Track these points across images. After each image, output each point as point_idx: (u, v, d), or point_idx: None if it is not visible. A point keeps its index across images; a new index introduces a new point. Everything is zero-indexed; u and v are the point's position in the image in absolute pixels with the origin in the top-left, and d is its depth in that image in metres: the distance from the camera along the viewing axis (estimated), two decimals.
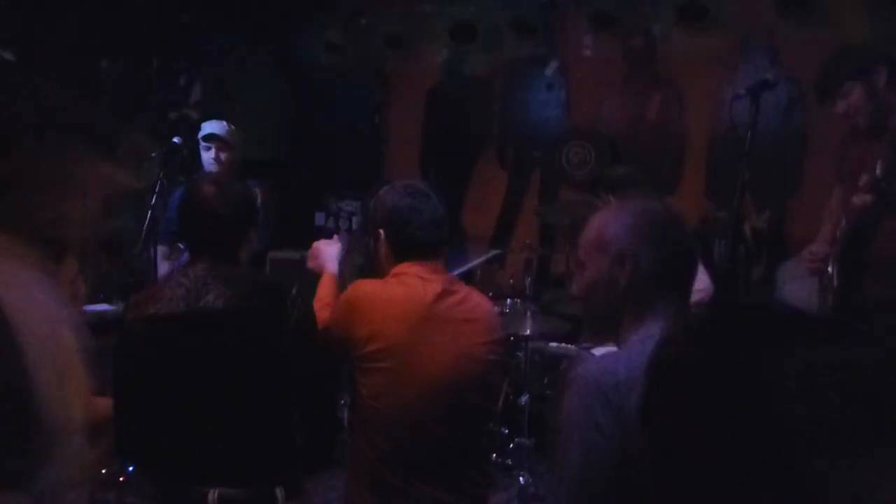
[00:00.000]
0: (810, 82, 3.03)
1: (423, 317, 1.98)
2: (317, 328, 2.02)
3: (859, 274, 2.65)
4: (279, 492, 1.88)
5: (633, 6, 4.96)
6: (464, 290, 2.12)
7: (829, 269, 2.72)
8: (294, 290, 1.97)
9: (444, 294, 2.03)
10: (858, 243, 2.65)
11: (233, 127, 3.59)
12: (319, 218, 6.18)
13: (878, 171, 2.58)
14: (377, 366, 1.97)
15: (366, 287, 2.05)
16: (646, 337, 1.30)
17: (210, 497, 1.84)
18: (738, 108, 2.77)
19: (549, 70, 5.54)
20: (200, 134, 3.62)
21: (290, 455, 1.96)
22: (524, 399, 3.86)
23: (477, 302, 2.12)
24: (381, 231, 2.07)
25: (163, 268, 3.13)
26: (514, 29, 5.37)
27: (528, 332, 3.79)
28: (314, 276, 2.40)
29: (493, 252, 4.95)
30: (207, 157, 3.48)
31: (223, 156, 3.51)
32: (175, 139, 3.31)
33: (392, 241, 2.06)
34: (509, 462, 3.87)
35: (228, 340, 1.89)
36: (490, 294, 4.37)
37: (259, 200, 2.31)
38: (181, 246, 2.87)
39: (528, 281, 4.42)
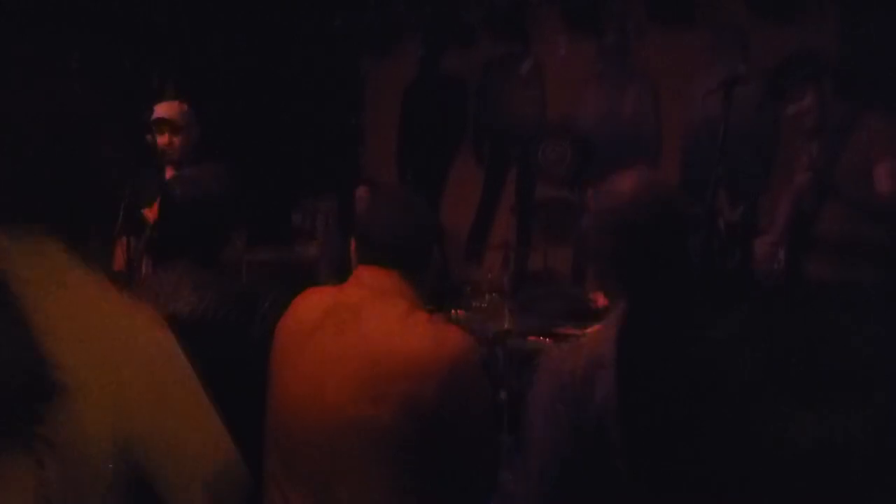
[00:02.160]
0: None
1: (295, 341, 1.67)
2: None
3: (804, 256, 2.76)
4: None
5: (606, 3, 4.99)
6: (377, 316, 1.61)
7: (780, 255, 2.82)
8: (267, 302, 1.85)
9: (328, 318, 1.64)
10: (802, 224, 2.78)
11: (185, 107, 3.40)
12: (296, 218, 6.18)
13: (813, 152, 2.77)
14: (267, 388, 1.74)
15: (296, 299, 1.80)
16: (612, 319, 1.33)
17: None
18: (711, 103, 2.82)
19: (525, 68, 5.56)
20: (152, 118, 3.37)
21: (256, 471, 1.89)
22: (502, 396, 3.86)
23: (369, 337, 1.58)
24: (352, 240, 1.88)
25: None
26: (489, 27, 5.39)
27: (505, 328, 3.80)
28: (291, 277, 2.36)
29: None
30: (161, 142, 3.31)
31: (176, 140, 3.31)
32: (148, 136, 3.27)
33: (354, 244, 1.82)
34: None
35: (193, 353, 1.83)
36: (468, 290, 4.38)
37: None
38: None
39: (505, 278, 4.44)
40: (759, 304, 0.81)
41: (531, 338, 3.97)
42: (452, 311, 3.93)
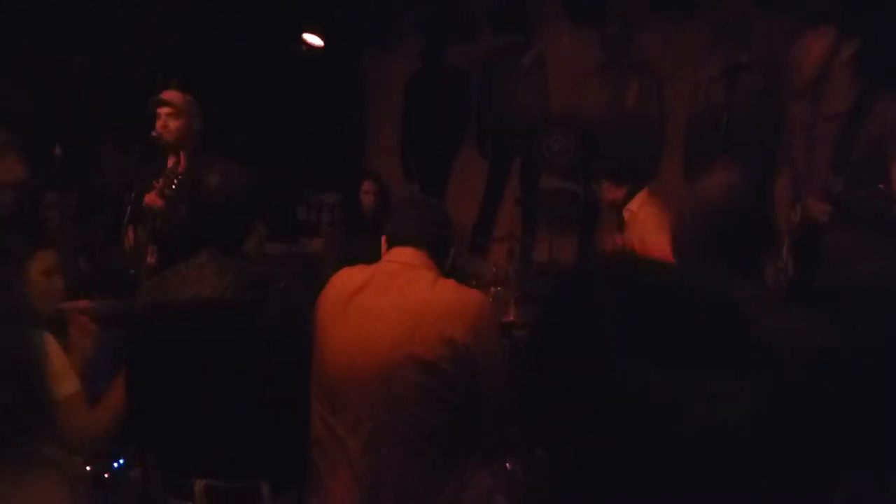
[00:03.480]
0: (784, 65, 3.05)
1: (341, 304, 1.99)
2: (302, 323, 2.01)
3: (814, 262, 2.68)
4: (265, 487, 1.89)
5: None
6: (414, 279, 1.98)
7: (784, 254, 2.74)
8: (282, 284, 1.96)
9: (371, 283, 2.00)
10: (813, 233, 2.69)
11: (189, 97, 3.42)
12: (301, 212, 6.20)
13: (832, 185, 2.61)
14: (311, 342, 2.03)
15: (338, 272, 2.12)
16: None
17: (197, 487, 1.85)
18: (713, 91, 2.79)
19: (527, 59, 5.55)
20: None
21: (277, 450, 1.95)
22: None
23: (409, 293, 1.95)
24: (383, 237, 2.16)
25: None
26: (491, 19, 5.39)
27: (511, 319, 3.81)
28: (296, 271, 2.40)
29: None
30: (158, 124, 3.32)
31: (172, 123, 3.31)
32: (153, 133, 3.29)
33: (386, 238, 2.13)
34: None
35: (214, 332, 1.89)
36: (474, 283, 4.40)
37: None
38: None
39: (510, 270, 4.45)
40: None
41: None
42: None
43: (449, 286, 1.99)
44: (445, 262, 2.12)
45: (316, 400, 1.99)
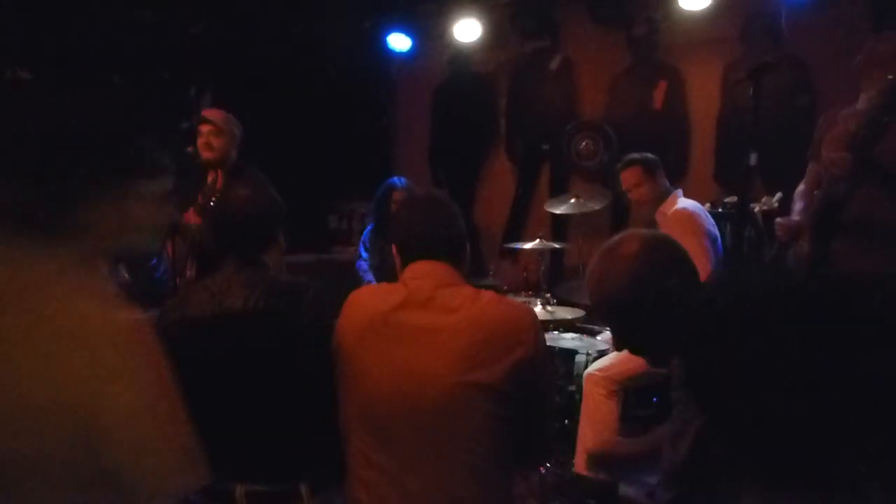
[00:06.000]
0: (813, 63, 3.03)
1: (377, 323, 1.83)
2: (332, 329, 2.00)
3: (830, 241, 2.67)
4: (303, 487, 1.94)
5: None
6: (455, 298, 1.83)
7: (806, 247, 2.74)
8: (311, 291, 2.02)
9: (409, 301, 1.83)
10: (833, 209, 2.67)
11: (230, 115, 3.51)
12: (332, 220, 6.27)
13: (853, 127, 2.61)
14: (337, 367, 1.91)
15: (355, 292, 1.99)
16: None
17: (237, 492, 1.91)
18: (740, 91, 2.79)
19: (554, 63, 5.57)
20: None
21: (314, 451, 2.01)
22: None
23: (457, 314, 1.80)
24: (393, 245, 2.03)
25: None
26: (518, 23, 5.41)
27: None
28: (329, 279, 2.43)
29: None
30: (200, 143, 3.42)
31: (215, 141, 3.40)
32: (188, 149, 3.37)
33: (397, 248, 1.99)
34: None
35: (249, 342, 1.95)
36: (505, 289, 4.41)
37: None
38: None
39: (541, 273, 4.46)
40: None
41: (567, 333, 4.00)
42: None
43: (493, 301, 1.85)
44: (466, 264, 1.98)
45: (355, 435, 1.83)
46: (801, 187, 3.08)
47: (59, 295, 1.09)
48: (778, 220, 2.94)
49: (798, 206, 3.00)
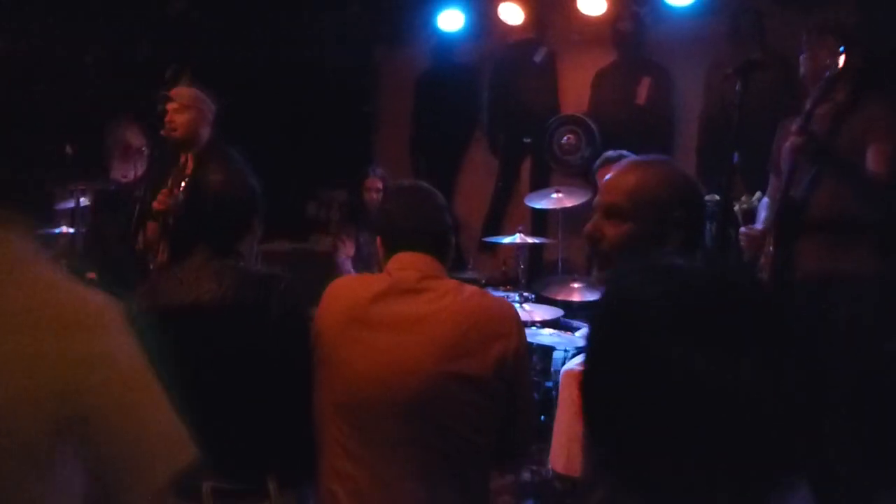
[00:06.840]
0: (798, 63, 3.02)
1: (359, 312, 1.82)
2: (304, 322, 1.98)
3: (793, 242, 2.73)
4: (272, 483, 1.88)
5: None
6: (439, 289, 1.84)
7: (770, 249, 2.76)
8: (283, 284, 1.95)
9: (390, 292, 1.83)
10: (794, 209, 2.73)
11: (199, 92, 3.33)
12: (310, 208, 6.20)
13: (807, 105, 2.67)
14: (315, 356, 1.90)
15: (336, 281, 1.99)
16: None
17: (204, 489, 1.85)
18: (726, 89, 2.78)
19: (539, 56, 5.52)
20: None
21: (282, 448, 1.95)
22: None
23: (441, 304, 1.80)
24: (377, 236, 2.03)
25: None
26: (502, 14, 5.35)
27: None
28: (305, 270, 2.39)
29: None
30: (166, 120, 3.26)
31: (178, 118, 3.21)
32: (162, 131, 3.27)
33: (381, 238, 1.99)
34: None
35: (217, 334, 1.89)
36: (483, 283, 4.38)
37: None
38: None
39: (520, 268, 4.43)
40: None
41: (545, 329, 3.97)
42: None
43: (477, 295, 1.87)
44: (450, 257, 1.98)
45: (332, 425, 1.82)
46: (764, 199, 3.10)
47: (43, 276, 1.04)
48: (742, 229, 2.95)
49: (762, 215, 3.03)
